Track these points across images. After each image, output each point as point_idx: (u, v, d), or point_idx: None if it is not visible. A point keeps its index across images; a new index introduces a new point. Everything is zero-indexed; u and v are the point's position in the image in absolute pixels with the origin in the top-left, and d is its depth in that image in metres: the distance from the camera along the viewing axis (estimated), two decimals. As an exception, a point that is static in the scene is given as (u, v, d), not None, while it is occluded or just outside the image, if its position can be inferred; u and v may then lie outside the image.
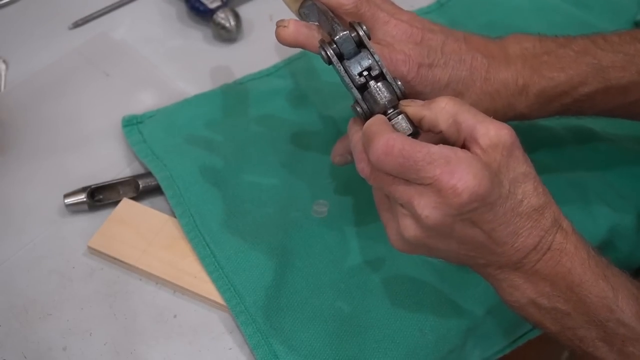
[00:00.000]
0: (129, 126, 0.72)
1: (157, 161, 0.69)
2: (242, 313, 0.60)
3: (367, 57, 0.52)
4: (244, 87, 0.75)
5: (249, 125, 0.72)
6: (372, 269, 0.63)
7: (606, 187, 0.69)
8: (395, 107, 0.51)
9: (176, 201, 0.66)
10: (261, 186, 0.68)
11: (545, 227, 0.49)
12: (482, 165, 0.46)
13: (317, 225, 0.65)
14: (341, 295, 0.61)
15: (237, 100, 0.74)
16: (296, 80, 0.76)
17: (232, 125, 0.72)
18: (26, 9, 0.85)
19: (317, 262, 0.63)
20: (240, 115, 0.73)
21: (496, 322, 0.63)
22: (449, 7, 0.84)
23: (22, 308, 0.62)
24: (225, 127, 0.72)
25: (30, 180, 0.70)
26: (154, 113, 0.73)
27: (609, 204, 0.68)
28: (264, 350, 0.58)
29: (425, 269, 0.63)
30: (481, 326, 0.62)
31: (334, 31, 0.53)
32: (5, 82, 0.78)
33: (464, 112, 0.49)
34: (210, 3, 0.81)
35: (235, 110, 0.73)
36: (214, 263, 0.63)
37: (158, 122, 0.72)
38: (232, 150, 0.70)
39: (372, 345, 0.59)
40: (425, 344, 0.59)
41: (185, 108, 0.73)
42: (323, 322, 0.60)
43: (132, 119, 0.72)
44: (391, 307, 0.61)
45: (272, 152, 0.70)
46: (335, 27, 0.54)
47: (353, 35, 0.52)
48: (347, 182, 0.68)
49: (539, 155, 0.69)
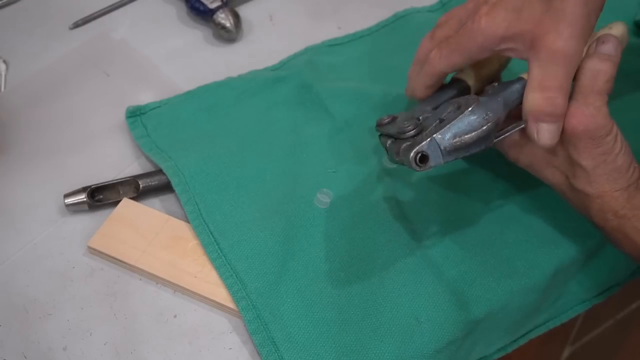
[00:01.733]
0: (133, 117, 0.73)
1: (162, 153, 0.69)
2: (244, 299, 0.61)
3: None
4: (249, 79, 0.76)
5: (253, 115, 0.73)
6: (371, 259, 0.63)
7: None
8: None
9: (182, 188, 0.67)
10: (265, 176, 0.68)
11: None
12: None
13: (320, 215, 0.66)
14: (340, 284, 0.62)
15: (241, 92, 0.74)
16: (300, 72, 0.76)
17: (236, 116, 0.73)
18: (26, 9, 0.85)
19: (318, 251, 0.63)
20: (244, 106, 0.73)
21: (497, 320, 0.63)
22: (450, 6, 0.84)
23: (22, 308, 0.62)
24: (230, 118, 0.72)
25: (30, 180, 0.70)
26: (157, 104, 0.74)
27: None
28: (262, 336, 0.59)
29: (423, 260, 0.63)
30: (482, 323, 0.62)
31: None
32: (5, 82, 0.78)
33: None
34: (210, 3, 0.81)
35: (240, 102, 0.74)
36: (217, 250, 0.63)
37: (162, 114, 0.73)
38: (237, 141, 0.70)
39: (368, 333, 0.59)
40: (421, 333, 0.60)
41: (189, 100, 0.74)
42: (321, 310, 0.60)
43: (135, 110, 0.73)
44: (388, 296, 0.61)
45: (276, 142, 0.71)
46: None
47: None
48: (351, 173, 0.68)
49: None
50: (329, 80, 0.76)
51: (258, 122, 0.72)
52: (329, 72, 0.77)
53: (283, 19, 0.85)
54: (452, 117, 0.54)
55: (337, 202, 0.67)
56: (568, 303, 0.70)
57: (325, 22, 0.84)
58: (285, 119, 0.73)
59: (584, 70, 0.57)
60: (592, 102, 0.56)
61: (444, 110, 0.56)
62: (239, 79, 0.76)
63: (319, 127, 0.72)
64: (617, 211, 0.58)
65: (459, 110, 0.54)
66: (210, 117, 0.73)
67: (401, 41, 0.80)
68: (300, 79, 0.76)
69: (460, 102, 0.56)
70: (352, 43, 0.81)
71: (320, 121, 0.72)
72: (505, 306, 0.63)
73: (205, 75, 0.78)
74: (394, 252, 0.64)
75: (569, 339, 0.97)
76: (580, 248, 0.65)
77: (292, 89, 0.75)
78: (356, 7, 0.86)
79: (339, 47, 0.81)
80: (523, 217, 0.66)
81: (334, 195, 0.67)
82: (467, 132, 0.54)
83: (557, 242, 0.65)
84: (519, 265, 0.63)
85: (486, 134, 0.54)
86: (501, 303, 0.62)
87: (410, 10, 0.84)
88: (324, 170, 0.69)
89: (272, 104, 0.74)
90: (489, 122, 0.54)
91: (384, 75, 0.76)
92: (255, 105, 0.74)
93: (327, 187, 0.67)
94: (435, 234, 0.65)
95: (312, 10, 0.86)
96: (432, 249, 0.64)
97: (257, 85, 0.75)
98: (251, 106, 0.74)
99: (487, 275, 0.63)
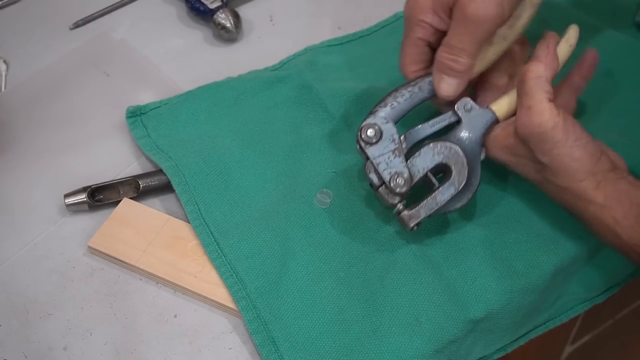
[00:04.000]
0: (133, 117, 0.73)
1: (162, 154, 0.70)
2: (244, 299, 0.61)
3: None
4: (249, 79, 0.76)
5: (253, 115, 0.73)
6: (371, 259, 0.63)
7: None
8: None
9: (182, 189, 0.67)
10: (265, 176, 0.68)
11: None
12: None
13: (320, 215, 0.66)
14: (340, 284, 0.62)
15: (241, 92, 0.75)
16: (301, 72, 0.76)
17: (237, 116, 0.73)
18: (27, 10, 0.85)
19: (318, 251, 0.64)
20: (244, 106, 0.74)
21: (497, 320, 0.63)
22: None
23: (23, 308, 0.62)
24: (230, 118, 0.72)
25: (30, 180, 0.70)
26: (157, 104, 0.74)
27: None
28: (262, 336, 0.59)
29: (423, 260, 0.63)
30: (481, 323, 0.62)
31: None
32: (5, 82, 0.78)
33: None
34: (210, 3, 0.81)
35: (240, 102, 0.74)
36: (217, 250, 0.63)
37: (162, 115, 0.73)
38: (237, 141, 0.70)
39: (368, 333, 0.59)
40: (421, 333, 0.60)
41: (189, 100, 0.74)
42: (321, 310, 0.60)
43: (136, 110, 0.73)
44: (388, 296, 0.61)
45: (277, 142, 0.71)
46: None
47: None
48: (351, 173, 0.68)
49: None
50: (329, 81, 0.76)
51: (258, 122, 0.72)
52: (329, 72, 0.77)
53: (283, 19, 0.85)
54: (442, 195, 0.61)
55: (337, 202, 0.67)
56: (568, 303, 0.70)
57: (325, 22, 0.84)
58: (286, 119, 0.73)
59: (521, 74, 0.60)
60: (531, 104, 0.59)
61: (427, 159, 0.62)
62: (239, 79, 0.76)
63: (319, 127, 0.72)
64: (590, 201, 0.58)
65: (445, 187, 0.62)
66: (210, 117, 0.73)
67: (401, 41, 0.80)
68: (301, 79, 0.76)
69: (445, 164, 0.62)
70: (352, 43, 0.81)
71: (321, 121, 0.72)
72: (504, 306, 0.63)
73: (205, 75, 0.78)
74: (394, 252, 0.64)
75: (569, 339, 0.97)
76: (580, 248, 0.65)
77: (292, 89, 0.75)
78: (356, 7, 0.86)
79: (338, 47, 0.81)
80: (523, 217, 0.66)
81: (334, 195, 0.67)
82: (452, 204, 0.62)
83: (557, 242, 0.65)
84: (518, 265, 0.63)
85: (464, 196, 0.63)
86: (501, 303, 0.62)
87: None
88: (324, 170, 0.69)
89: (272, 104, 0.74)
90: (471, 193, 0.63)
91: (384, 75, 0.76)
92: (255, 105, 0.74)
93: (327, 187, 0.67)
94: (435, 234, 0.65)
95: (312, 10, 0.86)
96: (432, 249, 0.64)
97: (257, 86, 0.75)
98: (251, 106, 0.74)
99: (486, 275, 0.63)
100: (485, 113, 0.63)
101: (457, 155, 0.62)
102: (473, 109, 0.63)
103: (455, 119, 0.63)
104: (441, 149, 0.62)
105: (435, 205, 0.61)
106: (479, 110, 0.63)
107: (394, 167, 0.61)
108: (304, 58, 0.79)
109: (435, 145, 0.62)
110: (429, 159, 0.62)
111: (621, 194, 0.58)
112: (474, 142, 0.63)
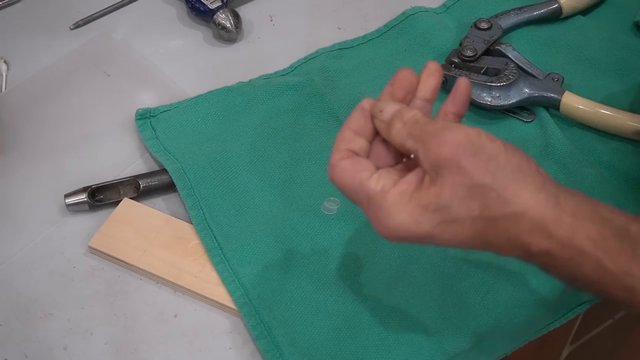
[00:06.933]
0: (142, 119, 0.73)
1: (169, 156, 0.69)
2: (246, 305, 0.61)
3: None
4: (258, 85, 0.76)
5: (263, 121, 0.73)
6: (379, 269, 0.63)
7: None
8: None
9: (187, 193, 0.67)
10: (272, 182, 0.68)
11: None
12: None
13: (326, 222, 0.66)
14: (346, 292, 0.61)
15: (252, 97, 0.74)
16: (311, 79, 0.76)
17: (246, 121, 0.73)
18: (27, 10, 0.85)
19: (323, 259, 0.63)
20: (254, 112, 0.73)
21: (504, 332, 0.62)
22: (454, 9, 0.84)
23: (23, 308, 0.62)
24: (239, 124, 0.72)
25: (30, 180, 0.70)
26: (167, 107, 0.74)
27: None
28: (266, 341, 0.59)
29: (433, 272, 0.63)
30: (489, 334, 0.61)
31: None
32: (6, 83, 0.78)
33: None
34: (210, 3, 0.81)
35: (250, 107, 0.74)
36: (220, 255, 0.63)
37: (172, 118, 0.73)
38: (246, 146, 0.70)
39: (375, 342, 0.59)
40: (429, 346, 0.59)
41: (199, 104, 0.74)
42: (326, 317, 0.60)
43: (145, 113, 0.73)
44: (396, 306, 0.61)
45: (284, 149, 0.70)
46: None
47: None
48: None
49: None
50: (340, 89, 0.75)
51: (267, 128, 0.72)
52: (340, 78, 0.76)
53: (283, 19, 0.85)
54: None
55: (345, 210, 0.66)
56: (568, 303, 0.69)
57: (325, 22, 0.84)
58: (295, 126, 0.72)
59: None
60: (435, 128, 0.48)
61: None
62: (250, 84, 0.76)
63: (328, 135, 0.71)
64: (556, 223, 0.45)
65: None
66: (220, 121, 0.72)
67: (411, 43, 0.80)
68: (312, 87, 0.75)
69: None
70: (363, 46, 0.81)
71: (330, 129, 0.72)
72: (514, 319, 0.62)
73: (206, 75, 0.78)
74: (404, 262, 0.63)
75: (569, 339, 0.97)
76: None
77: (304, 96, 0.74)
78: (356, 7, 0.86)
79: (349, 50, 0.80)
80: None
81: (342, 204, 0.67)
82: None
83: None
84: (532, 279, 0.63)
85: None
86: (511, 316, 0.62)
87: (417, 8, 0.83)
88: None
89: (282, 110, 0.74)
90: None
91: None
92: (265, 112, 0.73)
93: (334, 195, 0.67)
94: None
95: (312, 10, 0.86)
96: (445, 260, 0.63)
97: (268, 92, 0.75)
98: (261, 112, 0.73)
99: (499, 288, 0.62)
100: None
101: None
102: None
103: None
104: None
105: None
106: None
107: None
108: (316, 63, 0.78)
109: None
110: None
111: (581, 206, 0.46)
112: None
